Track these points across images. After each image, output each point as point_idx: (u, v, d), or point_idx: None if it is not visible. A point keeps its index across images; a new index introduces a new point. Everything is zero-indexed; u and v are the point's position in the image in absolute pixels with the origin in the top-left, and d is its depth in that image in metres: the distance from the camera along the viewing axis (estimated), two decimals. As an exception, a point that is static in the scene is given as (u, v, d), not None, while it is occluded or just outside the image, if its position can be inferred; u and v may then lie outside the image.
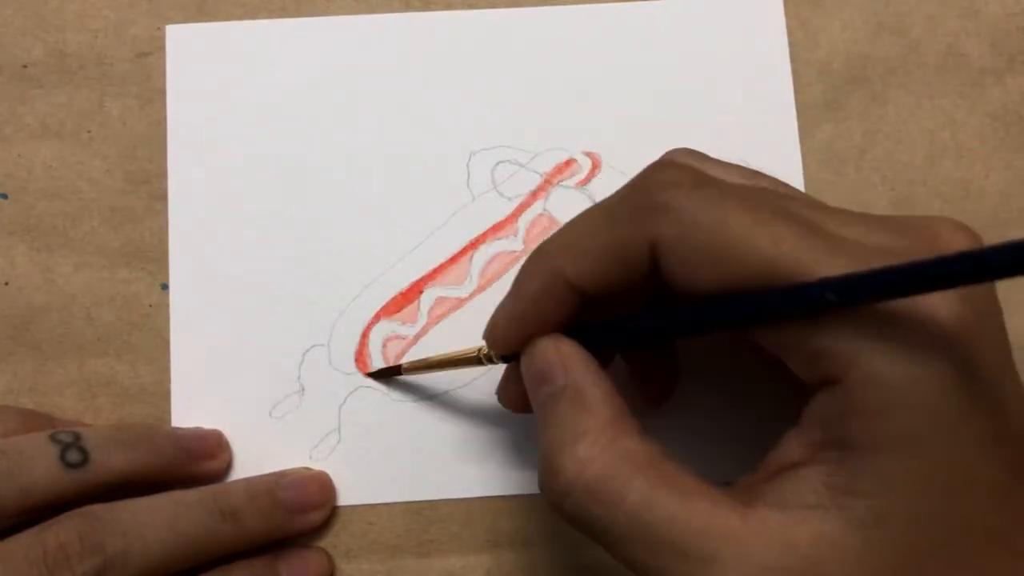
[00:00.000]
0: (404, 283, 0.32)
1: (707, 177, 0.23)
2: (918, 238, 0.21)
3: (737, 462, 0.23)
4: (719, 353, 0.31)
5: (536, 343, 0.24)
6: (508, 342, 0.25)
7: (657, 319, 0.23)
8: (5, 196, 0.32)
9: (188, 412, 0.31)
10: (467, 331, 0.32)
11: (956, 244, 0.21)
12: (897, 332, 0.19)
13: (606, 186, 0.33)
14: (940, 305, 0.19)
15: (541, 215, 0.33)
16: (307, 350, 0.32)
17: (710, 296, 0.21)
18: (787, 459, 0.21)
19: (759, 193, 0.22)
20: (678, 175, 0.22)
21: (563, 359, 0.23)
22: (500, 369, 0.27)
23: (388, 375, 0.31)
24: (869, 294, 0.19)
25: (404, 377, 0.31)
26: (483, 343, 0.27)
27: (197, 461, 0.30)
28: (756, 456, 0.22)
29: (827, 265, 0.19)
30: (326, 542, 0.31)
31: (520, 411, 0.28)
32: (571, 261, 0.23)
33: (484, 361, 0.27)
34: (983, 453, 0.19)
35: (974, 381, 0.19)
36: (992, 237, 0.23)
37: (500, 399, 0.28)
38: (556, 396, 0.23)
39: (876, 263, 0.19)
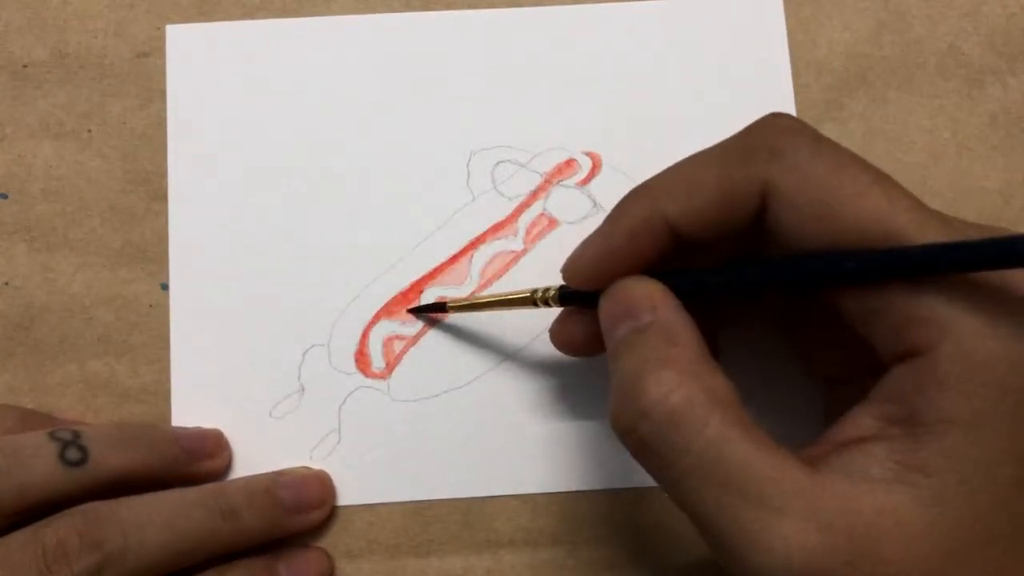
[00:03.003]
0: (404, 283, 0.32)
1: (824, 136, 0.23)
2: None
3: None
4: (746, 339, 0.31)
5: (623, 281, 0.24)
6: (592, 277, 0.25)
7: (758, 269, 0.23)
8: (5, 196, 0.32)
9: (188, 412, 0.31)
10: (468, 331, 0.32)
11: None
12: (990, 307, 0.19)
13: (606, 186, 0.33)
14: None
15: (541, 215, 0.33)
16: (307, 350, 0.32)
17: (807, 250, 0.21)
18: (853, 433, 0.21)
19: (872, 165, 0.22)
20: (797, 124, 0.23)
21: (651, 297, 0.23)
22: (508, 369, 0.27)
23: (432, 311, 0.31)
24: (987, 261, 0.19)
25: (407, 369, 0.31)
26: (535, 286, 0.27)
27: (197, 460, 0.30)
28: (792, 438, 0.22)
29: (937, 234, 0.20)
30: (326, 542, 0.31)
31: (575, 354, 0.28)
32: (675, 199, 0.23)
33: (538, 304, 0.27)
34: None
35: None
36: (992, 236, 0.24)
37: (554, 340, 0.28)
38: (642, 330, 0.23)
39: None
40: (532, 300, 0.27)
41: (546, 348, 0.32)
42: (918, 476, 0.20)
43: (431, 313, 0.31)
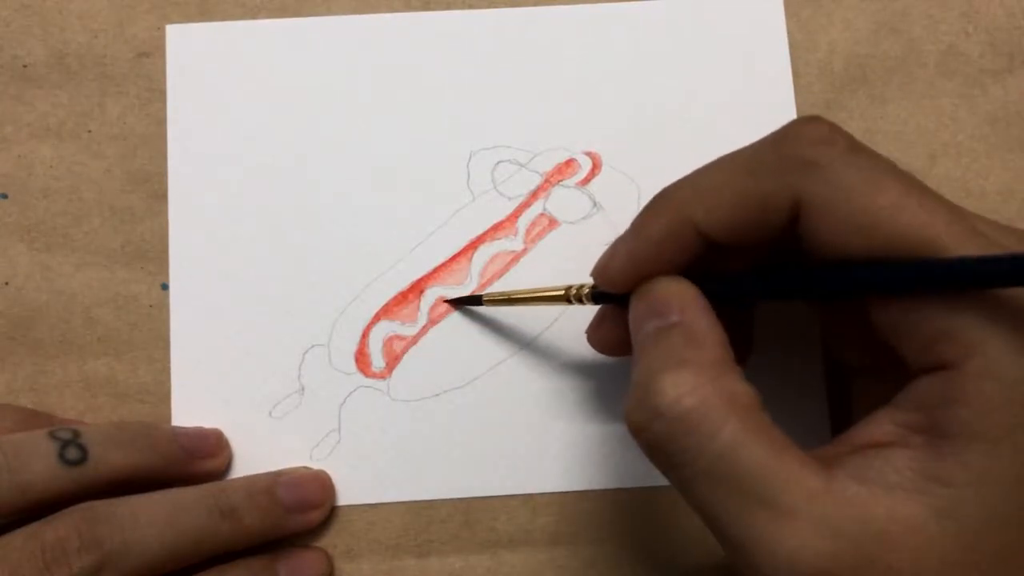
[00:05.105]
0: (404, 283, 0.32)
1: (859, 142, 0.22)
2: None
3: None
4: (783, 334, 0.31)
5: (654, 281, 0.24)
6: (623, 281, 0.24)
7: (792, 276, 0.23)
8: (5, 196, 0.32)
9: (188, 412, 0.31)
10: (468, 331, 0.32)
11: None
12: (1021, 324, 0.19)
13: (606, 186, 0.33)
14: None
15: (541, 215, 0.33)
16: (307, 350, 0.32)
17: (842, 259, 0.21)
18: (873, 437, 0.21)
19: (908, 173, 0.22)
20: (831, 133, 0.22)
21: (681, 298, 0.23)
22: (508, 369, 0.27)
23: (469, 303, 0.31)
24: (1019, 277, 0.19)
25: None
26: (571, 282, 0.27)
27: (197, 460, 0.30)
28: (807, 438, 0.22)
29: (973, 246, 0.19)
30: (326, 542, 0.31)
31: (611, 353, 0.28)
32: (704, 208, 0.23)
33: (572, 300, 0.27)
34: None
35: None
36: (992, 235, 0.24)
37: (590, 339, 0.28)
38: (667, 329, 0.23)
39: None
40: (566, 297, 0.27)
41: (546, 349, 0.32)
42: (936, 486, 0.19)
43: (468, 305, 0.32)
